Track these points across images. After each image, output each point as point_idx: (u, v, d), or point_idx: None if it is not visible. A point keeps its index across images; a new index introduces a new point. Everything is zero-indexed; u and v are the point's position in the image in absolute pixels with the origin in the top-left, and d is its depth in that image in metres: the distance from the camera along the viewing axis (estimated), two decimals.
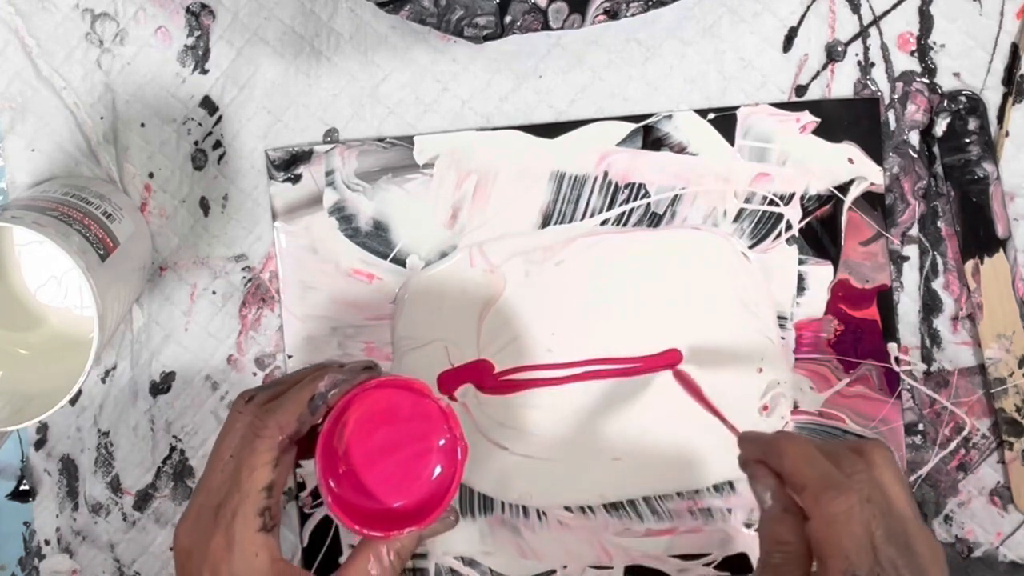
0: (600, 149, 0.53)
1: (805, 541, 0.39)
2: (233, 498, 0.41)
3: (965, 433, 0.53)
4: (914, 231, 0.53)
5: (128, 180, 0.54)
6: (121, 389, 0.54)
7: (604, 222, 0.53)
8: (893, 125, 0.53)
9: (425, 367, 0.53)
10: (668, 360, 0.53)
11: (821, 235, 0.53)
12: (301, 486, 0.54)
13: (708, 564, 0.53)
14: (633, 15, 0.49)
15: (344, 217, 0.53)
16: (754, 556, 0.53)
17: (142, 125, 0.54)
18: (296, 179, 0.53)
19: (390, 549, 0.43)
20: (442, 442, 0.44)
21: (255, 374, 0.54)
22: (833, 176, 0.52)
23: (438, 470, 0.44)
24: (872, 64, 0.53)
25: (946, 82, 0.53)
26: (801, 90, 0.53)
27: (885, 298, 0.53)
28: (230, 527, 0.41)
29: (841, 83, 0.53)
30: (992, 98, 0.52)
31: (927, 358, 0.53)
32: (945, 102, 0.52)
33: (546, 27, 0.49)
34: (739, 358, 0.53)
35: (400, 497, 0.43)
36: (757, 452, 0.42)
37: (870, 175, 0.52)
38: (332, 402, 0.43)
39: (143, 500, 0.55)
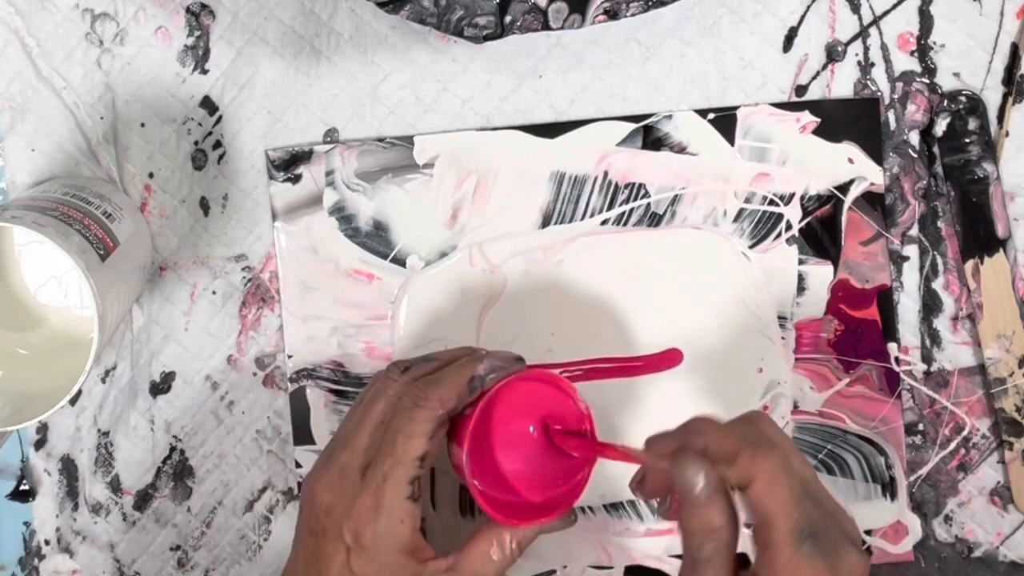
0: (600, 149, 0.53)
1: (734, 524, 0.37)
2: (385, 462, 0.41)
3: (965, 433, 0.53)
4: (914, 231, 0.53)
5: (128, 180, 0.54)
6: (121, 389, 0.54)
7: (604, 222, 0.53)
8: (893, 125, 0.53)
9: None
10: (669, 359, 0.53)
11: (821, 235, 0.53)
12: (301, 486, 0.54)
13: None
14: (633, 15, 0.49)
15: (344, 217, 0.53)
16: (753, 555, 0.53)
17: (142, 125, 0.54)
18: (296, 179, 0.53)
19: (513, 538, 0.43)
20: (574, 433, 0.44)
21: (255, 374, 0.54)
22: (833, 176, 0.53)
23: (563, 467, 0.44)
24: (872, 64, 0.53)
25: (946, 82, 0.53)
26: (801, 90, 0.53)
27: (885, 298, 0.53)
28: (379, 490, 0.41)
29: (841, 83, 0.53)
30: (992, 98, 0.53)
31: (927, 358, 0.53)
32: (945, 102, 0.52)
33: (546, 27, 0.49)
34: (739, 358, 0.53)
35: (529, 489, 0.44)
36: (672, 443, 0.40)
37: (870, 175, 0.52)
38: (488, 386, 0.43)
39: (143, 500, 0.55)
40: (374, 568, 0.41)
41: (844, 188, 0.52)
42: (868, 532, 0.53)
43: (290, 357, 0.54)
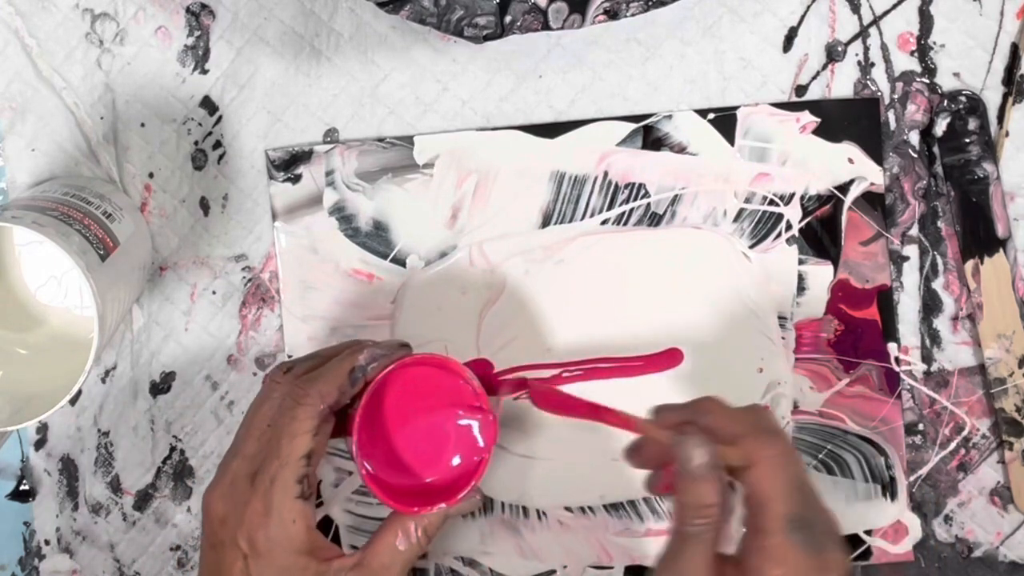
0: (600, 149, 0.53)
1: (725, 505, 0.38)
2: (272, 465, 0.41)
3: (965, 433, 0.53)
4: (914, 231, 0.53)
5: (128, 180, 0.54)
6: (121, 389, 0.54)
7: (604, 222, 0.53)
8: (893, 125, 0.53)
9: None
10: (669, 359, 0.53)
11: (821, 235, 0.53)
12: None
13: None
14: (633, 15, 0.49)
15: (344, 217, 0.53)
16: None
17: (142, 125, 0.54)
18: (296, 179, 0.53)
19: (418, 525, 0.43)
20: (473, 422, 0.44)
21: (255, 374, 0.54)
22: (833, 176, 0.53)
23: (464, 450, 0.45)
24: (872, 64, 0.53)
25: (946, 82, 0.53)
26: (801, 90, 0.53)
27: (885, 298, 0.53)
28: (268, 493, 0.41)
29: (841, 83, 0.53)
30: (992, 98, 0.52)
31: (927, 358, 0.53)
32: (945, 102, 0.52)
33: (546, 27, 0.49)
34: (739, 358, 0.53)
35: (430, 475, 0.44)
36: (679, 416, 0.41)
37: (870, 175, 0.52)
38: (371, 376, 0.43)
39: (143, 500, 0.55)
40: (273, 572, 0.41)
41: (844, 188, 0.52)
42: (868, 532, 0.53)
43: (290, 357, 0.54)
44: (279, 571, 0.41)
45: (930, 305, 0.53)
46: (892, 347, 0.53)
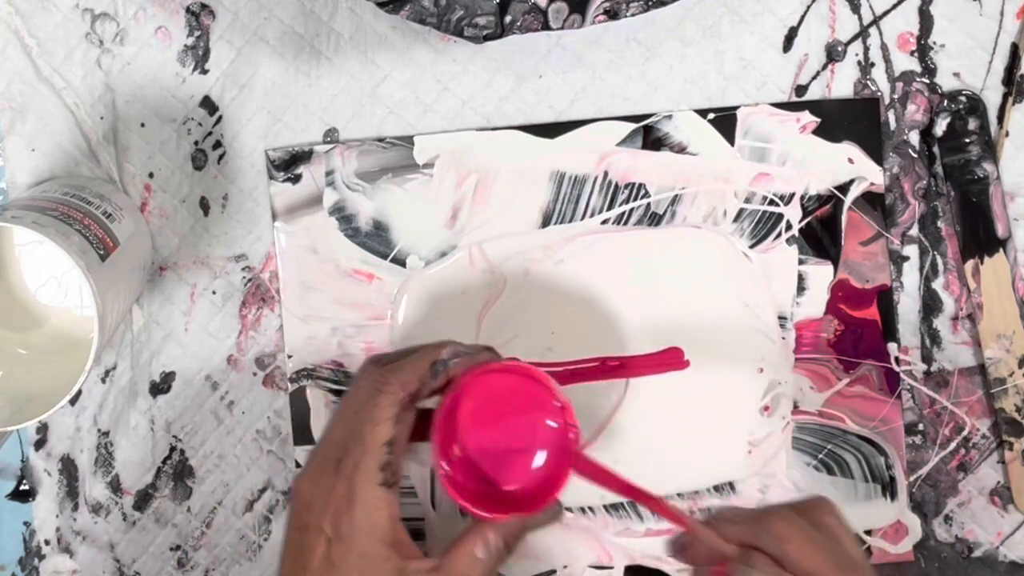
0: (600, 149, 0.53)
1: None
2: (354, 451, 0.41)
3: (965, 433, 0.53)
4: (914, 231, 0.53)
5: (128, 180, 0.54)
6: (121, 389, 0.54)
7: (604, 222, 0.53)
8: (893, 125, 0.53)
9: None
10: (672, 360, 0.53)
11: (821, 235, 0.53)
12: None
13: None
14: (633, 15, 0.49)
15: (344, 217, 0.53)
16: None
17: (142, 125, 0.54)
18: (296, 179, 0.53)
19: (498, 534, 0.42)
20: (554, 430, 0.44)
21: (255, 374, 0.54)
22: (833, 176, 0.53)
23: (545, 461, 0.44)
24: (872, 64, 0.53)
25: (946, 82, 0.53)
26: (801, 90, 0.53)
27: (885, 298, 0.53)
28: (352, 479, 0.41)
29: (841, 83, 0.53)
30: (992, 98, 0.53)
31: (927, 358, 0.53)
32: (945, 102, 0.52)
33: (546, 27, 0.49)
34: (740, 358, 0.53)
35: (510, 484, 0.44)
36: (746, 535, 0.39)
37: (870, 175, 0.52)
38: (453, 372, 0.43)
39: (143, 500, 0.55)
40: (354, 558, 0.41)
41: (844, 188, 0.52)
42: (868, 532, 0.53)
43: (290, 357, 0.54)
44: (360, 558, 0.41)
45: (930, 305, 0.53)
46: (892, 347, 0.53)
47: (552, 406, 0.44)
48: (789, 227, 0.53)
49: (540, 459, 0.44)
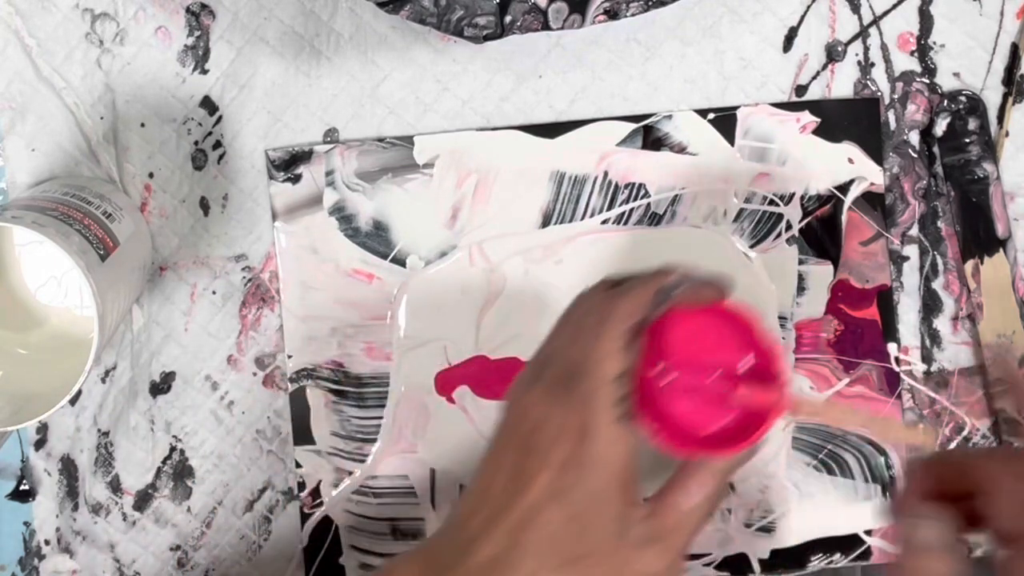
0: (600, 149, 0.53)
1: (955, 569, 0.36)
2: (586, 383, 0.38)
3: (965, 433, 0.53)
4: (914, 231, 0.53)
5: (128, 180, 0.54)
6: (121, 389, 0.54)
7: (604, 222, 0.53)
8: (893, 125, 0.53)
9: (424, 366, 0.53)
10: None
11: (821, 235, 0.53)
12: (301, 486, 0.54)
13: (708, 564, 0.53)
14: (633, 15, 0.49)
15: (344, 217, 0.53)
16: (753, 555, 0.53)
17: (142, 125, 0.54)
18: (296, 179, 0.53)
19: (712, 475, 0.39)
20: (755, 374, 0.40)
21: (255, 374, 0.54)
22: (833, 176, 0.52)
23: (745, 406, 0.40)
24: (872, 64, 0.53)
25: (946, 82, 0.53)
26: (801, 90, 0.53)
27: (885, 298, 0.53)
28: (586, 412, 0.38)
29: (841, 83, 0.53)
30: (992, 98, 0.52)
31: (927, 358, 0.53)
32: (945, 102, 0.52)
33: (546, 27, 0.49)
34: None
35: (707, 426, 0.40)
36: (956, 478, 0.37)
37: (870, 175, 0.52)
38: (676, 301, 0.40)
39: (143, 500, 0.55)
40: (581, 494, 0.38)
41: (844, 188, 0.52)
42: (868, 532, 0.53)
43: (290, 357, 0.54)
44: (587, 495, 0.38)
45: (930, 305, 0.53)
46: (892, 347, 0.53)
47: (758, 348, 0.40)
48: (789, 227, 0.53)
49: (739, 404, 0.40)
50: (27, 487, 0.55)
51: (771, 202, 0.53)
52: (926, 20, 0.52)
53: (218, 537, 0.55)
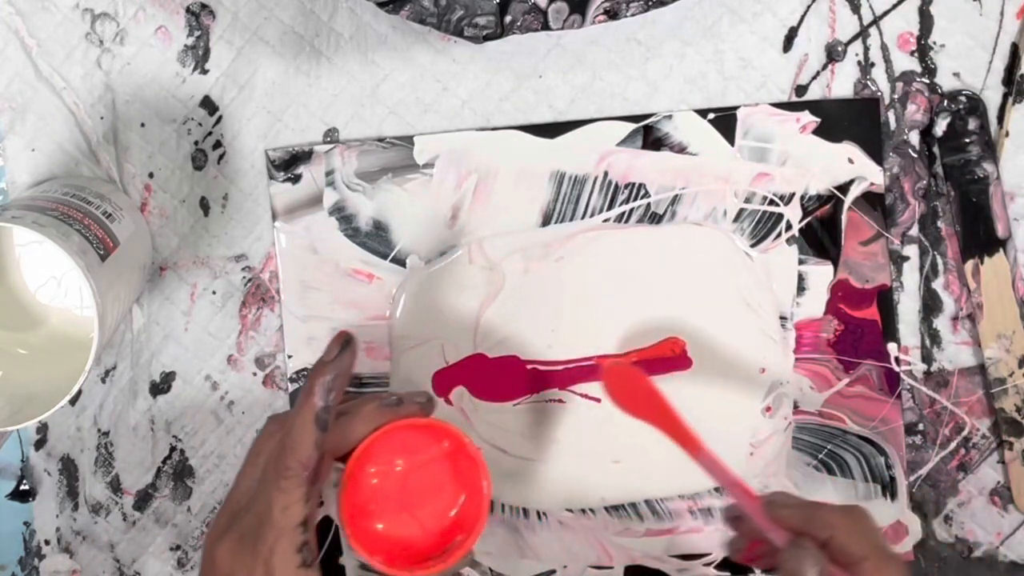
0: (600, 149, 0.53)
1: None
2: (269, 535, 0.41)
3: (965, 433, 0.53)
4: (914, 231, 0.53)
5: (128, 180, 0.54)
6: (121, 389, 0.54)
7: (604, 222, 0.53)
8: (893, 125, 0.53)
9: (422, 366, 0.53)
10: (668, 348, 0.53)
11: (821, 235, 0.53)
12: None
13: (708, 564, 0.53)
14: (633, 15, 0.49)
15: (344, 217, 0.53)
16: None
17: (142, 125, 0.54)
18: (296, 179, 0.53)
19: None
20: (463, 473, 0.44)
21: (255, 374, 0.54)
22: (833, 176, 0.53)
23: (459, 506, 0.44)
24: (872, 64, 0.53)
25: (946, 82, 0.53)
26: (801, 90, 0.53)
27: (885, 298, 0.53)
28: (269, 562, 0.40)
29: (841, 83, 0.53)
30: (992, 98, 0.52)
31: (927, 358, 0.53)
32: (945, 102, 0.52)
33: (546, 27, 0.49)
34: (742, 359, 0.53)
35: (421, 534, 0.44)
36: (795, 520, 0.42)
37: (870, 175, 0.52)
38: (334, 403, 0.42)
39: (143, 500, 0.55)
40: None
41: (844, 188, 0.52)
42: None
43: (290, 357, 0.54)
44: None
45: (930, 305, 0.53)
46: (892, 347, 0.53)
47: (464, 460, 0.44)
48: (789, 227, 0.53)
49: (454, 509, 0.44)
50: (27, 487, 0.55)
51: (771, 202, 0.53)
52: (926, 20, 0.52)
53: None
